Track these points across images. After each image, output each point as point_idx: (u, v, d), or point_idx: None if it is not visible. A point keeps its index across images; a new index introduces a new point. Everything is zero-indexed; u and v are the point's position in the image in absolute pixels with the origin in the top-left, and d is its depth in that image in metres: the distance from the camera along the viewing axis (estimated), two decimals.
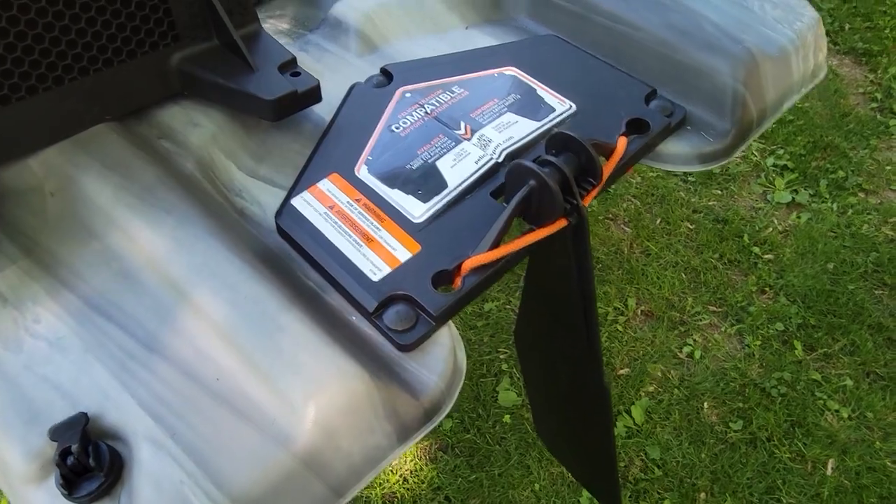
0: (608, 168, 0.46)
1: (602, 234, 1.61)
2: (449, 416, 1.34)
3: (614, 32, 0.56)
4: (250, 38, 0.51)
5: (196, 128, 0.50)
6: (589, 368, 0.52)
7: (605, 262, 1.56)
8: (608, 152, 0.48)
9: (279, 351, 0.36)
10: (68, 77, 0.45)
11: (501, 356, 1.41)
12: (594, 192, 0.45)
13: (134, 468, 0.34)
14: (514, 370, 1.39)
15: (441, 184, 0.46)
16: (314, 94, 0.50)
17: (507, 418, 1.31)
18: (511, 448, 1.26)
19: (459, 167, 0.47)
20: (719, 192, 1.71)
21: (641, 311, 1.47)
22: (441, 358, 0.40)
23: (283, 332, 0.37)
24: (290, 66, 0.51)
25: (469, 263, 0.42)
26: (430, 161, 0.47)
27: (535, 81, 0.53)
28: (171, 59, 0.50)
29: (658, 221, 1.64)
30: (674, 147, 0.52)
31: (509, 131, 0.49)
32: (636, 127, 0.51)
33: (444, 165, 0.47)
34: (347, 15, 0.60)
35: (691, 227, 1.62)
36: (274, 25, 0.69)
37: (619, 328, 1.43)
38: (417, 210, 0.45)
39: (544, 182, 0.41)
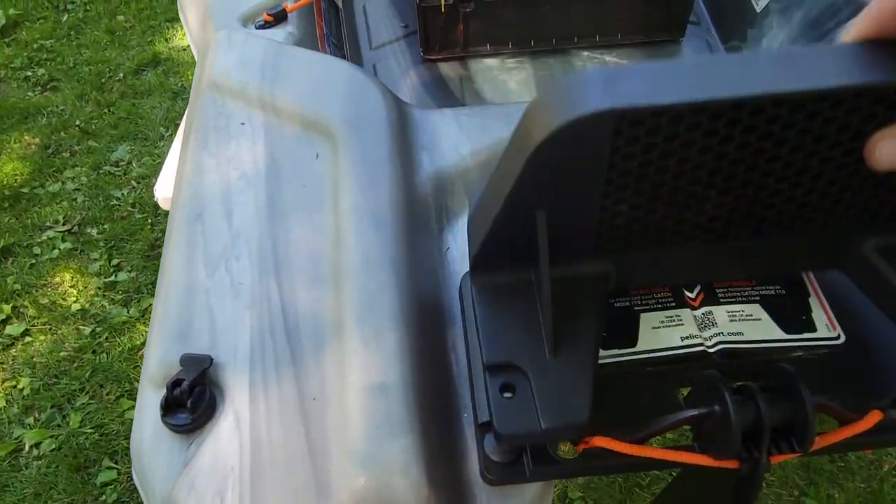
0: (826, 440, 0.36)
1: None
2: None
3: None
4: None
5: (454, 153, 0.51)
6: None
7: (850, 461, 1.29)
8: (844, 419, 0.37)
9: (373, 410, 0.36)
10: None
11: None
12: (791, 456, 0.36)
13: (213, 431, 0.37)
14: None
15: (631, 339, 0.41)
16: None
17: None
18: None
19: (662, 333, 0.41)
20: None
21: None
22: None
23: (386, 395, 0.37)
24: None
25: (601, 441, 0.37)
26: (635, 307, 0.42)
27: (817, 289, 0.43)
28: (864, 243, 0.39)
29: None
30: None
31: (744, 326, 0.41)
32: None
33: (646, 322, 0.42)
34: None
35: None
36: None
37: None
38: None
39: (727, 418, 0.34)
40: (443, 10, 0.79)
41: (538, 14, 0.81)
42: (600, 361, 0.40)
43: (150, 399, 0.39)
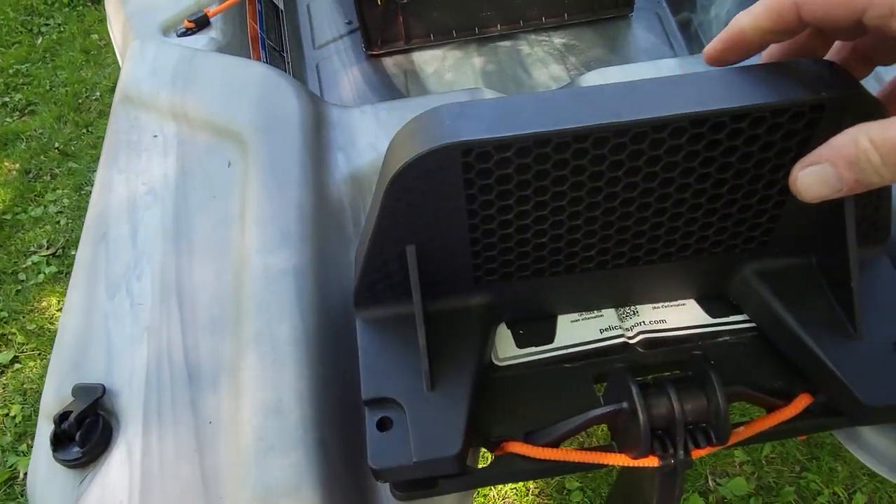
0: (752, 429, 0.34)
1: None
2: None
3: None
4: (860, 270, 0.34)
5: (372, 151, 0.49)
6: None
7: None
8: (769, 405, 0.35)
9: (266, 430, 0.34)
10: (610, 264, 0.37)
11: None
12: (711, 450, 0.33)
13: (104, 465, 0.35)
14: None
15: (548, 335, 0.39)
16: None
17: None
18: None
19: (580, 327, 0.39)
20: None
21: None
22: None
23: (280, 413, 0.35)
24: None
25: (514, 447, 0.35)
26: None
27: None
28: (743, 267, 0.37)
29: None
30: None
31: (667, 313, 0.39)
32: None
33: (564, 316, 0.39)
34: None
35: None
36: None
37: None
38: (504, 351, 0.38)
39: (634, 415, 0.31)
40: (379, 2, 0.76)
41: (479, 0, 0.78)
42: (516, 362, 0.38)
43: (45, 434, 0.37)
